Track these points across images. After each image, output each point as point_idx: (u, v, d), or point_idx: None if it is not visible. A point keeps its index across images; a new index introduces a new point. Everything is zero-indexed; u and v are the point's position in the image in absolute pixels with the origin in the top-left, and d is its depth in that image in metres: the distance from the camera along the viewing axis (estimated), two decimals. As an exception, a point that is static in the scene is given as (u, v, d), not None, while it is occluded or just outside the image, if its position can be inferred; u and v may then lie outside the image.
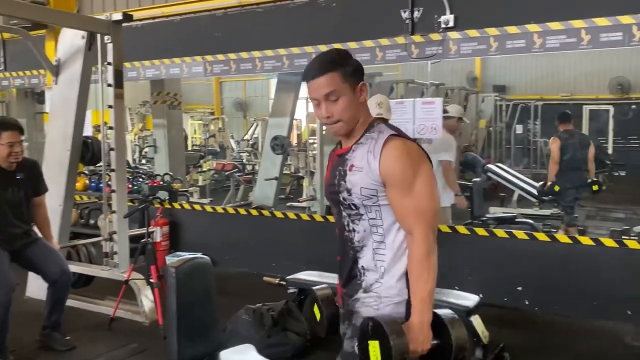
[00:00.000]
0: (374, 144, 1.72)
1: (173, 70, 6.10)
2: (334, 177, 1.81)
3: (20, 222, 3.62)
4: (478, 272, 4.58)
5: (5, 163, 3.50)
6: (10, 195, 3.55)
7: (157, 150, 7.75)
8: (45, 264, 3.64)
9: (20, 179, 3.59)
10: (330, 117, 1.72)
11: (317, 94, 1.72)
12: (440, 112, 4.76)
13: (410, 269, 1.71)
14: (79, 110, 4.54)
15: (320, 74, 1.70)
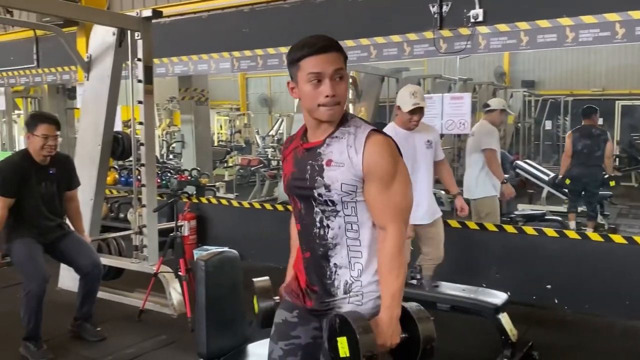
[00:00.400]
0: (353, 138, 1.67)
1: (201, 66, 6.16)
2: (302, 171, 1.74)
3: (53, 215, 3.71)
4: (506, 269, 4.52)
5: (38, 156, 3.58)
6: (44, 190, 3.63)
7: (184, 146, 7.85)
8: (77, 257, 3.72)
9: (53, 174, 3.67)
10: (334, 97, 1.63)
11: (326, 69, 1.61)
12: (469, 107, 4.71)
13: (381, 264, 1.69)
14: (110, 106, 4.62)
15: (332, 50, 1.63)
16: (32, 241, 3.58)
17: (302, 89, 1.66)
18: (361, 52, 5.09)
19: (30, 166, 3.57)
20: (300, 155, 1.77)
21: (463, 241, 4.64)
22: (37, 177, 3.59)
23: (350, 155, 1.66)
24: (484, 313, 3.33)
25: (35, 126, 3.52)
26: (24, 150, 3.70)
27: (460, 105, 4.68)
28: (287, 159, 1.82)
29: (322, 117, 1.66)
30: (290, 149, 1.82)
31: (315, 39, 1.64)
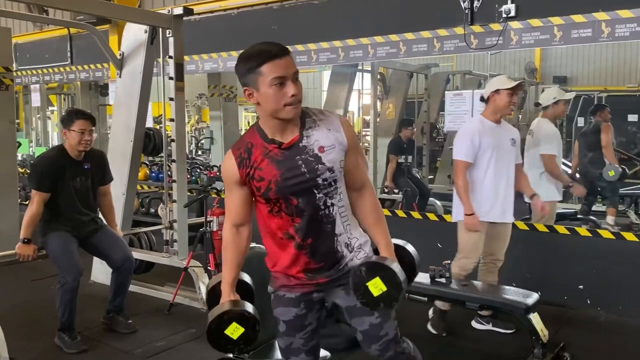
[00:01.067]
0: (329, 122, 1.91)
1: (230, 63, 6.21)
2: (294, 168, 1.86)
3: (87, 210, 3.78)
4: (537, 269, 4.46)
5: (74, 151, 3.66)
6: (79, 185, 3.71)
7: (213, 142, 7.94)
8: (110, 251, 3.80)
9: (87, 169, 3.75)
10: (297, 96, 1.78)
11: (288, 72, 1.77)
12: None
13: (369, 214, 2.01)
14: (142, 103, 4.70)
15: (287, 54, 1.79)
16: (67, 235, 3.66)
17: (265, 92, 1.78)
18: (390, 48, 5.06)
19: (65, 162, 3.66)
20: (281, 156, 1.87)
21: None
22: (71, 172, 3.67)
23: (337, 137, 1.90)
24: (514, 313, 3.29)
25: (71, 122, 3.60)
26: (59, 146, 3.80)
27: (491, 102, 4.59)
28: (262, 166, 1.88)
29: (288, 116, 1.81)
30: (258, 156, 1.88)
31: (269, 46, 1.78)
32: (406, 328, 4.00)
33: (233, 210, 1.98)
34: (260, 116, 1.88)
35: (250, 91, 1.82)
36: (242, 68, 1.81)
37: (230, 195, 1.97)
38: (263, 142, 1.89)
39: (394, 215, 5.22)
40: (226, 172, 1.93)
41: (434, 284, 3.56)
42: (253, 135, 1.91)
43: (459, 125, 4.82)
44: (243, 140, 1.93)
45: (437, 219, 5.00)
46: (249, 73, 1.78)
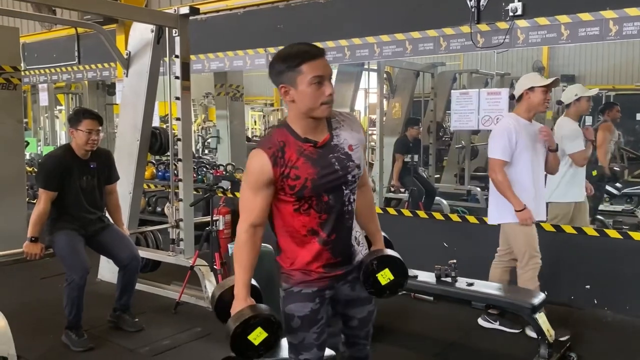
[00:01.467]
0: (350, 123, 2.04)
1: (236, 62, 6.22)
2: (329, 166, 1.95)
3: (94, 208, 3.80)
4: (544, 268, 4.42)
5: (81, 150, 3.69)
6: (85, 184, 3.74)
7: (219, 141, 7.94)
8: (116, 249, 3.82)
9: (94, 168, 3.77)
10: (332, 95, 1.89)
11: (326, 71, 1.87)
12: (506, 103, 4.62)
13: (369, 210, 2.19)
14: (148, 102, 4.72)
15: (324, 55, 1.89)
16: (73, 233, 3.69)
17: (303, 91, 1.86)
18: (396, 47, 5.06)
19: (72, 160, 3.68)
20: (316, 155, 1.94)
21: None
22: (78, 171, 3.70)
23: (359, 138, 2.03)
24: (521, 312, 3.28)
25: (79, 121, 3.63)
26: (66, 145, 3.82)
27: (498, 101, 4.59)
28: (298, 164, 1.92)
29: (322, 114, 1.90)
30: (292, 154, 1.92)
31: (307, 46, 1.88)
32: (412, 327, 4.05)
33: (256, 210, 1.95)
34: (292, 115, 1.94)
35: (287, 88, 1.88)
36: (280, 66, 1.87)
37: (253, 195, 1.94)
38: (296, 141, 1.93)
39: (400, 215, 5.21)
40: (257, 171, 1.91)
41: (439, 283, 3.55)
42: (284, 134, 1.94)
43: (465, 124, 4.82)
44: (273, 140, 1.93)
45: (442, 218, 4.99)
46: (288, 71, 1.85)
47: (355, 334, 2.21)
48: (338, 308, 2.14)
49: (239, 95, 7.72)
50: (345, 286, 2.08)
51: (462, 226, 4.84)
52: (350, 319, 2.17)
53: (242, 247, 1.99)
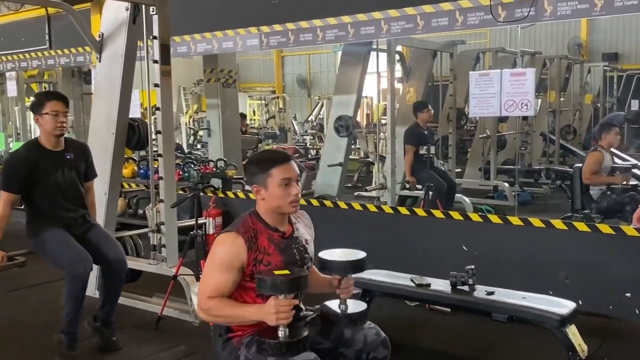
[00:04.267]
0: (304, 219, 2.63)
1: (226, 43, 6.20)
2: (291, 255, 2.46)
3: (75, 206, 3.78)
4: (577, 274, 4.38)
5: (51, 139, 3.66)
6: (61, 178, 3.70)
7: (210, 134, 7.94)
8: (103, 250, 3.77)
9: (70, 159, 3.76)
10: (298, 195, 2.41)
11: (293, 175, 2.41)
12: (532, 85, 4.57)
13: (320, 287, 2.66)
14: (124, 90, 4.71)
15: (291, 159, 2.46)
16: (61, 230, 3.68)
17: (273, 192, 2.39)
18: (406, 23, 5.01)
19: (40, 155, 3.66)
20: (283, 244, 2.45)
21: (526, 241, 4.53)
22: (50, 165, 3.67)
23: (311, 233, 2.63)
24: (548, 325, 3.24)
25: (42, 105, 3.62)
26: (33, 140, 3.82)
27: (522, 83, 4.54)
28: (269, 251, 2.39)
29: (290, 210, 2.44)
30: (264, 241, 2.40)
31: (276, 153, 2.53)
32: (426, 342, 4.03)
33: (222, 289, 2.34)
34: (262, 209, 2.45)
35: (258, 188, 2.42)
36: (253, 169, 2.44)
37: (220, 276, 2.33)
38: (267, 229, 2.43)
39: (413, 214, 5.18)
40: (230, 253, 2.33)
41: (455, 292, 3.52)
42: (255, 222, 2.43)
43: (485, 110, 4.78)
44: (245, 225, 2.41)
45: (461, 218, 4.94)
46: (260, 173, 2.40)
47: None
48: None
49: (231, 81, 7.71)
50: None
51: (483, 227, 4.79)
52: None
53: (220, 306, 2.33)
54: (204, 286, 2.38)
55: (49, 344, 3.77)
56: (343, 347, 2.51)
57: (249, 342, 2.38)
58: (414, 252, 4.95)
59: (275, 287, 2.23)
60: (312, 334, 2.49)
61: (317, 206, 5.69)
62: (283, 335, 2.23)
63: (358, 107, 8.02)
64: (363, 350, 2.49)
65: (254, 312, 2.31)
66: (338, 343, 2.52)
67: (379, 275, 3.89)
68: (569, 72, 10.69)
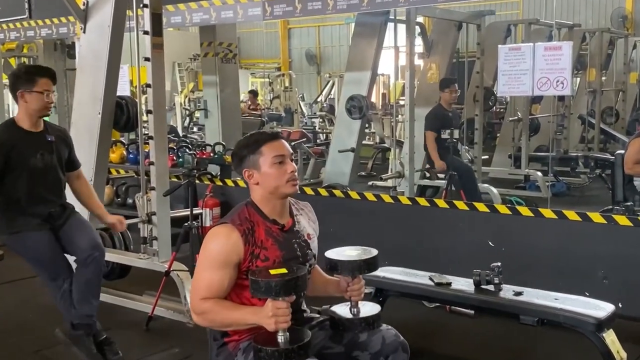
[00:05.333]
0: (307, 212, 2.64)
1: (225, 13, 6.20)
2: (292, 251, 2.46)
3: (55, 196, 3.78)
4: (617, 274, 4.37)
5: (33, 119, 3.67)
6: (41, 162, 3.68)
7: (207, 115, 7.96)
8: (76, 239, 3.77)
9: (51, 142, 3.75)
10: (295, 172, 2.44)
11: (285, 151, 2.43)
12: (569, 61, 4.54)
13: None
14: (111, 65, 4.72)
15: (281, 136, 2.49)
16: (43, 232, 3.69)
17: (266, 172, 2.40)
18: (427, -10, 4.99)
19: (20, 136, 3.66)
20: (282, 238, 2.45)
21: (560, 236, 4.52)
22: (30, 147, 3.66)
23: (315, 227, 2.63)
24: (583, 329, 3.23)
25: (33, 82, 3.62)
26: (9, 120, 3.83)
27: (558, 58, 4.51)
28: (267, 245, 2.40)
29: (289, 191, 2.44)
30: (262, 234, 2.40)
31: (263, 132, 2.51)
32: (447, 348, 4.04)
33: (215, 289, 2.33)
34: (258, 197, 2.46)
35: (250, 172, 2.43)
36: (241, 152, 2.44)
37: (214, 275, 2.33)
38: (265, 221, 2.44)
39: (433, 206, 5.18)
40: (225, 248, 2.33)
41: (479, 292, 3.52)
42: (252, 213, 2.43)
43: (516, 88, 4.76)
44: (241, 216, 2.41)
45: (487, 210, 4.94)
46: (250, 155, 2.41)
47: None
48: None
49: (231, 56, 7.73)
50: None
51: (512, 220, 4.79)
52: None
53: (214, 309, 2.34)
54: (196, 286, 2.38)
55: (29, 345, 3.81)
56: (357, 350, 2.51)
57: (246, 348, 2.39)
58: (434, 247, 4.96)
59: (270, 290, 2.21)
60: (321, 339, 2.50)
61: (326, 196, 5.70)
62: (282, 341, 2.22)
63: (373, 86, 8.01)
64: (381, 353, 2.49)
65: (251, 316, 2.30)
66: (352, 347, 2.52)
67: (394, 273, 3.90)
68: (611, 47, 10.61)
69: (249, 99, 14.51)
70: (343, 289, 2.52)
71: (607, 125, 10.23)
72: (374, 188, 8.13)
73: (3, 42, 8.62)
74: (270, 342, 2.24)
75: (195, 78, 14.83)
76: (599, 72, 10.00)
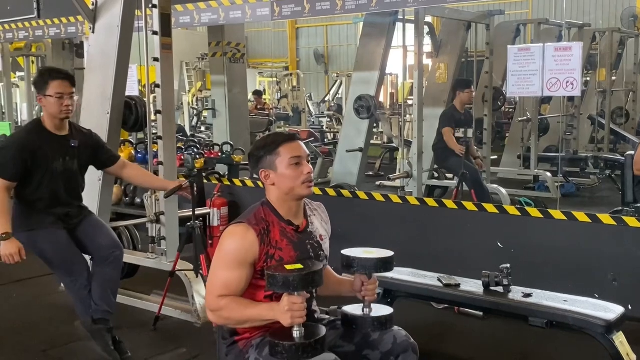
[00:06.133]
0: (320, 213, 2.66)
1: (234, 13, 6.21)
2: (305, 251, 2.48)
3: (73, 199, 3.82)
4: (626, 275, 4.36)
5: (55, 121, 3.68)
6: (62, 167, 3.71)
7: (215, 115, 7.98)
8: (97, 238, 3.83)
9: (75, 147, 3.77)
10: (311, 174, 2.47)
11: (303, 152, 2.47)
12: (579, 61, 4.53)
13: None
14: (120, 65, 4.74)
15: (298, 138, 2.52)
16: (56, 229, 3.72)
17: (283, 173, 2.44)
18: (436, -10, 4.98)
19: (43, 138, 3.67)
20: (296, 239, 2.48)
21: (570, 237, 4.52)
22: (54, 151, 3.68)
23: (327, 228, 2.66)
24: (592, 332, 3.23)
25: (45, 85, 3.62)
26: (36, 121, 3.83)
27: (568, 59, 4.50)
28: (282, 246, 2.43)
29: (305, 192, 2.47)
30: (277, 235, 2.43)
31: (281, 134, 2.55)
32: (455, 349, 4.04)
33: (234, 287, 2.37)
34: (274, 197, 2.49)
35: (267, 173, 2.47)
36: (258, 152, 2.48)
37: (231, 273, 2.36)
38: (280, 222, 2.47)
39: (442, 207, 5.17)
40: (241, 247, 2.36)
41: (488, 293, 3.52)
42: (267, 213, 2.47)
43: (525, 89, 4.75)
44: (257, 216, 2.45)
45: (497, 212, 4.94)
46: (267, 155, 2.45)
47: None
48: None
49: (239, 56, 7.75)
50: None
51: (521, 221, 4.78)
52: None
53: (230, 307, 2.35)
54: (213, 284, 2.40)
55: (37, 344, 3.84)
56: (368, 349, 2.52)
57: (259, 344, 2.40)
58: (443, 248, 4.96)
59: (287, 284, 2.23)
60: (332, 337, 2.51)
61: (334, 196, 5.71)
62: (298, 336, 2.25)
63: (381, 86, 8.01)
64: (391, 353, 2.51)
65: (268, 312, 2.32)
66: (363, 346, 2.54)
67: (403, 274, 3.90)
68: (622, 47, 10.56)
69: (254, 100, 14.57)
70: (357, 288, 2.54)
71: (617, 125, 10.18)
72: (382, 188, 8.14)
73: (12, 42, 8.68)
74: (286, 337, 2.27)
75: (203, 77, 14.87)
76: (609, 72, 9.96)
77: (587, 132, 10.25)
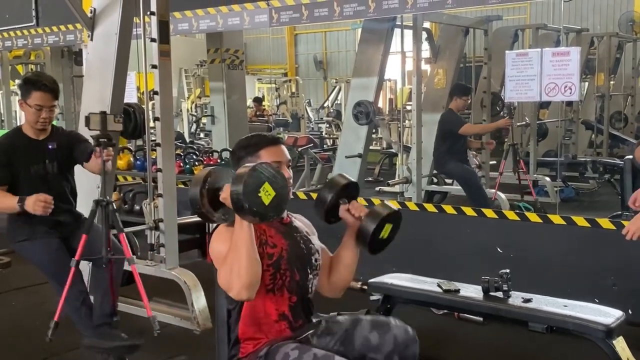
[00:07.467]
0: (300, 219, 2.69)
1: (232, 20, 6.22)
2: (296, 241, 2.51)
3: (61, 202, 3.76)
4: (626, 280, 4.36)
5: (32, 129, 3.72)
6: (42, 170, 3.72)
7: (214, 121, 7.98)
8: (94, 243, 3.77)
9: (52, 149, 3.77)
10: (290, 179, 2.45)
11: (283, 158, 2.49)
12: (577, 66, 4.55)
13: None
14: (119, 72, 4.74)
15: (281, 142, 2.57)
16: (51, 241, 3.72)
17: None
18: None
19: (20, 142, 3.71)
20: (283, 229, 2.52)
21: (569, 243, 4.52)
22: (33, 156, 3.71)
23: (311, 229, 2.67)
24: (592, 336, 3.22)
25: (28, 93, 3.65)
26: (16, 127, 3.88)
27: (566, 64, 4.51)
28: (270, 234, 2.45)
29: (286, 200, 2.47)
30: (262, 225, 2.41)
31: (263, 136, 2.56)
32: (455, 355, 4.03)
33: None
34: None
35: None
36: (240, 153, 2.49)
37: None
38: None
39: (441, 212, 5.18)
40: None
41: (487, 299, 3.51)
42: None
43: (523, 94, 4.77)
44: None
45: (495, 217, 4.94)
46: (248, 157, 2.45)
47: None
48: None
49: (238, 63, 7.74)
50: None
51: (520, 227, 4.79)
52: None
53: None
54: (226, 281, 2.29)
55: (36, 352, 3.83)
56: (371, 352, 2.53)
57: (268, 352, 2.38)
58: (442, 254, 4.96)
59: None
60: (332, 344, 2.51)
61: (333, 202, 5.70)
62: None
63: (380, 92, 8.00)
64: (394, 352, 2.52)
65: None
66: (365, 349, 2.53)
67: (402, 280, 3.89)
68: (620, 52, 10.59)
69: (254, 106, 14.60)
70: (349, 217, 2.57)
71: (616, 129, 10.20)
72: (381, 194, 8.14)
73: (10, 50, 8.69)
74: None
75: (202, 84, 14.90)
76: (608, 77, 9.98)
77: (585, 137, 10.26)
